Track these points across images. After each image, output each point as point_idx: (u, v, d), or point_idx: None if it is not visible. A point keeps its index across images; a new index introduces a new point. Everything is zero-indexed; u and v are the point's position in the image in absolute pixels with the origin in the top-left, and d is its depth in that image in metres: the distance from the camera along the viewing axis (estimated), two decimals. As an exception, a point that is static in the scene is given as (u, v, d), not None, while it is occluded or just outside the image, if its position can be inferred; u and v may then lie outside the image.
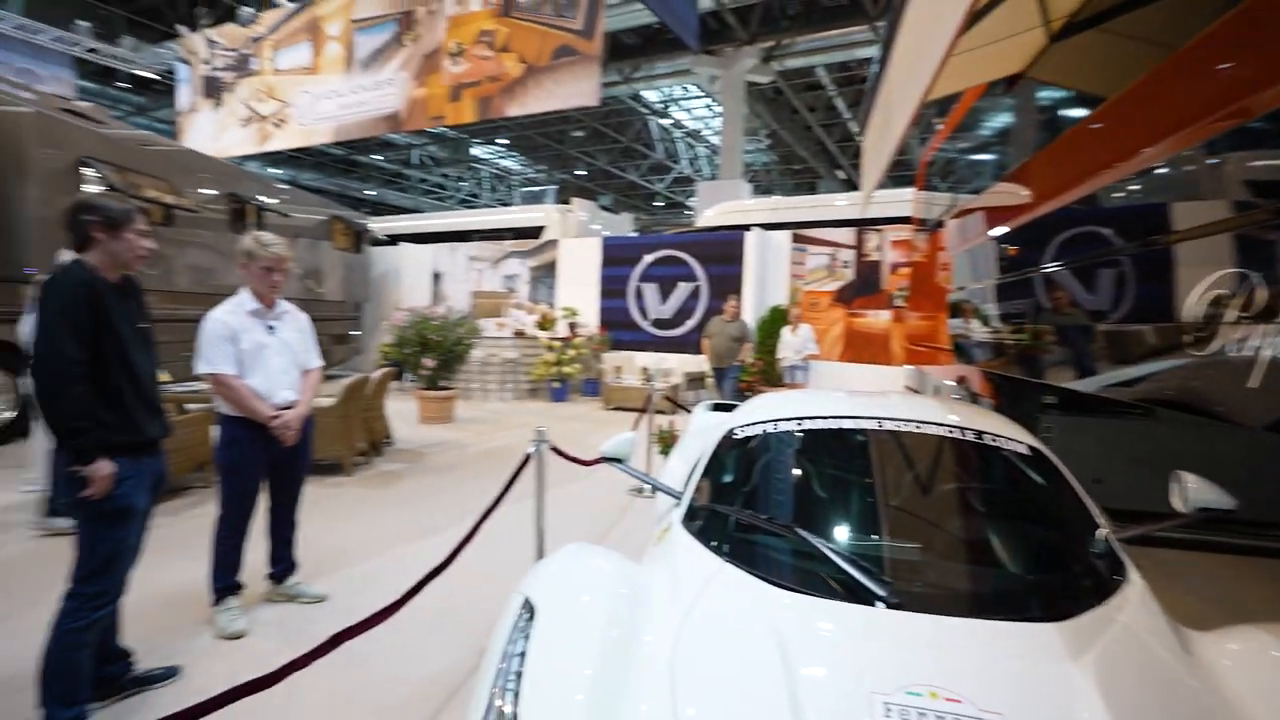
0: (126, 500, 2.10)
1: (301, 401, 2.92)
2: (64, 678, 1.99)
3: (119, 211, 2.13)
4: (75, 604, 2.04)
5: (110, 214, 2.10)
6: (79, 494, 2.01)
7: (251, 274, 2.85)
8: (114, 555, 2.10)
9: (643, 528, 4.42)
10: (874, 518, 1.83)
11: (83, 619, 2.03)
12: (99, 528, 2.06)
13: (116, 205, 2.15)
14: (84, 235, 2.07)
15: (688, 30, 5.60)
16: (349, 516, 4.43)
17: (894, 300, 9.64)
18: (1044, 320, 3.54)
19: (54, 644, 2.00)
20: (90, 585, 2.05)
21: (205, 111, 12.41)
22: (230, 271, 8.71)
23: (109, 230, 2.09)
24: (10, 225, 6.01)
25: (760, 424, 2.25)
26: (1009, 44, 3.59)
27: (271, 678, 1.49)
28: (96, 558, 2.06)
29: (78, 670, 2.03)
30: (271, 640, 2.74)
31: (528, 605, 1.50)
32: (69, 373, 1.95)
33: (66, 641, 2.00)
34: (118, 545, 2.10)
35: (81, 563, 2.06)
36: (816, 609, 1.46)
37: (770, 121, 20.04)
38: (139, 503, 2.15)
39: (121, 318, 2.10)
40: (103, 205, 2.12)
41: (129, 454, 2.11)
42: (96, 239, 2.08)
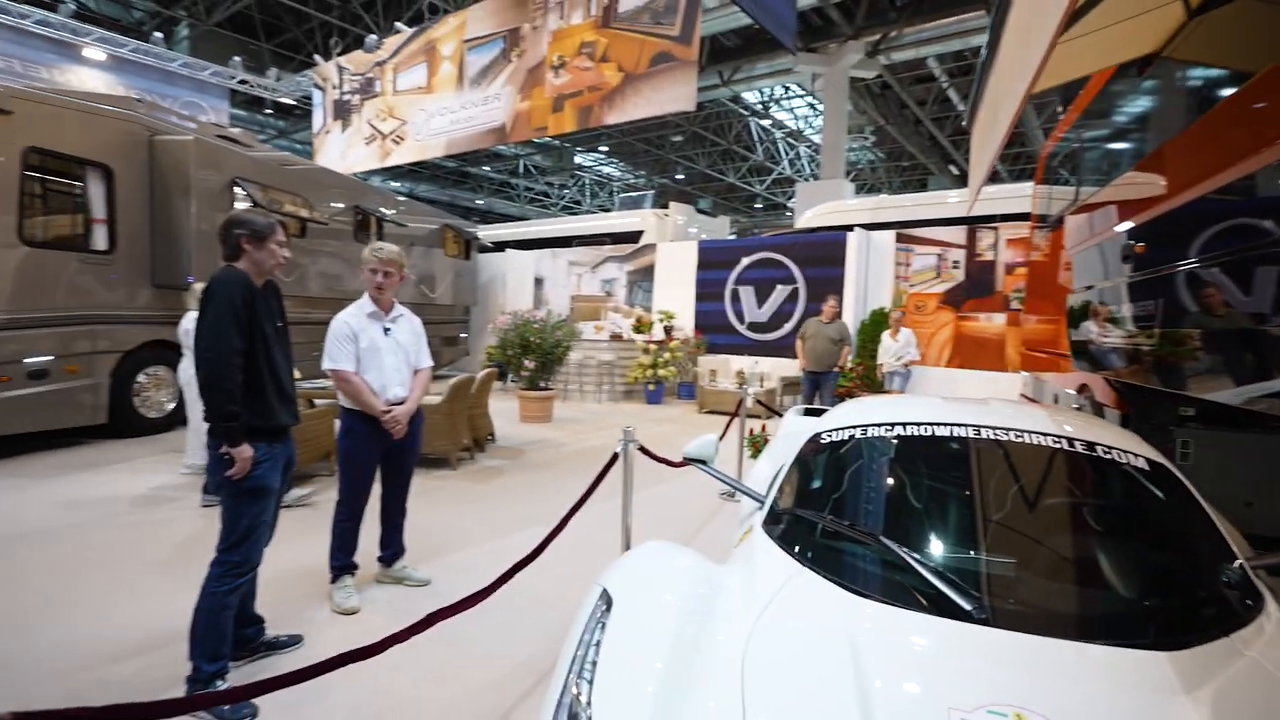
0: (263, 480, 2.36)
1: (410, 398, 3.15)
2: (210, 635, 2.27)
3: (263, 224, 2.41)
4: (220, 570, 2.31)
5: (256, 227, 2.38)
6: (225, 474, 2.29)
7: (366, 279, 3.10)
8: (253, 528, 2.36)
9: (731, 531, 4.40)
10: (965, 529, 1.74)
11: (226, 584, 2.30)
12: (241, 504, 2.33)
13: (261, 219, 2.43)
14: (235, 246, 2.36)
15: (786, 31, 5.50)
16: (452, 508, 4.70)
17: (1010, 303, 9.00)
18: (1184, 322, 3.19)
19: (202, 605, 2.28)
20: (233, 554, 2.32)
21: (335, 132, 13.59)
22: (354, 278, 9.48)
23: (255, 241, 2.38)
24: (176, 239, 6.84)
25: (848, 428, 2.20)
26: (1139, 22, 3.29)
27: (375, 648, 1.63)
28: (238, 530, 2.33)
29: (222, 630, 2.30)
30: (380, 617, 2.97)
31: (605, 596, 1.55)
32: (231, 362, 2.23)
33: (213, 604, 2.27)
34: (256, 519, 2.37)
35: (226, 534, 2.34)
36: (895, 619, 1.41)
37: (876, 117, 19.27)
38: (273, 483, 2.41)
39: (266, 317, 2.37)
40: (249, 219, 2.41)
41: (266, 440, 2.38)
42: (245, 249, 2.36)
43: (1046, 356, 6.36)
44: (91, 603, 3.04)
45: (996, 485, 1.84)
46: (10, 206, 5.55)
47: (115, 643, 2.67)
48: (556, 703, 1.33)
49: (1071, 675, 1.22)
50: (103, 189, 6.37)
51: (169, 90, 13.71)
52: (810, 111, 21.25)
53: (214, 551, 2.35)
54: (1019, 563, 1.60)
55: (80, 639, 2.70)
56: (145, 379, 6.80)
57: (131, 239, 6.62)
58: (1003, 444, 1.91)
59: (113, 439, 6.48)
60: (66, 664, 2.52)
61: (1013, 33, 2.76)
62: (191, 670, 2.27)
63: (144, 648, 2.64)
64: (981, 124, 4.00)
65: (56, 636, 2.72)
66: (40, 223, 5.96)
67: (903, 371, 8.02)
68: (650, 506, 4.71)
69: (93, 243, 6.33)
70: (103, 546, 3.75)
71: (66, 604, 3.02)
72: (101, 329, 6.34)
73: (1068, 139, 5.90)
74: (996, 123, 3.13)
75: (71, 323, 6.06)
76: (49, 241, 6.00)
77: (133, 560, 3.56)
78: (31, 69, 11.93)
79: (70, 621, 2.85)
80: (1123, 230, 3.89)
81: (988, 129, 3.70)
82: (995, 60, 3.34)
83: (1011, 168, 24.27)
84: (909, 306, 9.75)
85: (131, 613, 2.94)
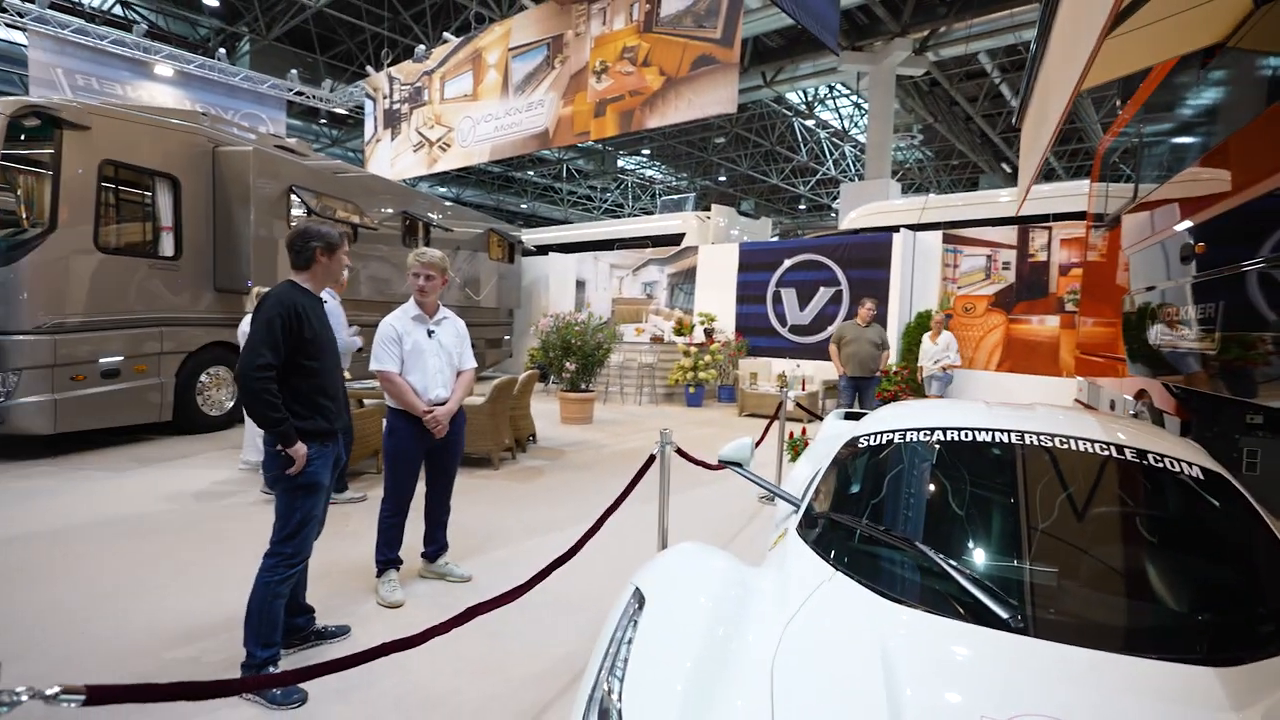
0: (315, 477, 2.48)
1: (452, 399, 3.24)
2: (263, 623, 2.38)
3: (335, 236, 2.55)
4: (274, 561, 2.43)
5: (330, 239, 2.52)
6: (281, 471, 2.41)
7: (410, 282, 3.22)
8: (305, 522, 2.47)
9: (768, 534, 4.37)
10: (1005, 537, 1.70)
11: (279, 574, 2.42)
12: (294, 499, 2.44)
13: (333, 231, 2.56)
14: (310, 256, 2.48)
15: (829, 32, 5.43)
16: (494, 506, 4.80)
17: (1064, 305, 8.69)
18: (1252, 325, 3.04)
19: (256, 594, 2.40)
20: (286, 546, 2.44)
21: (385, 140, 14.03)
22: (403, 281, 9.76)
23: (329, 252, 2.52)
24: (236, 245, 7.17)
25: (886, 433, 2.17)
26: (1201, 13, 3.15)
27: (418, 638, 1.69)
28: (292, 524, 2.45)
29: (275, 617, 2.41)
30: (423, 611, 3.06)
31: (638, 595, 1.58)
32: (262, 376, 2.33)
33: (266, 592, 2.39)
34: (308, 514, 2.48)
35: (280, 528, 2.46)
36: (929, 625, 1.40)
37: (924, 115, 18.84)
38: (324, 479, 2.52)
39: (320, 325, 2.48)
40: (324, 231, 2.53)
41: (318, 440, 2.48)
42: (319, 259, 2.49)
43: (1103, 361, 6.12)
44: (152, 591, 3.21)
45: (1038, 492, 1.79)
46: (88, 215, 5.92)
47: (173, 629, 2.82)
48: (588, 698, 1.35)
49: (1112, 687, 1.19)
50: (170, 198, 6.73)
51: (230, 103, 14.37)
52: (856, 110, 20.91)
53: (269, 544, 2.46)
54: (1061, 572, 1.56)
55: (140, 625, 2.86)
56: (207, 379, 7.13)
57: (196, 245, 6.97)
58: (1046, 450, 1.86)
59: (176, 435, 6.83)
60: (127, 647, 2.67)
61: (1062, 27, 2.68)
62: (246, 655, 2.39)
63: (200, 634, 2.78)
64: (1031, 121, 3.88)
65: (117, 623, 2.88)
66: (114, 230, 6.33)
67: (942, 376, 7.80)
68: (688, 509, 4.72)
69: (161, 249, 6.69)
70: (166, 537, 3.96)
71: (129, 593, 3.20)
72: (168, 331, 6.69)
73: (1126, 134, 5.68)
74: (1046, 121, 3.04)
75: (141, 325, 6.42)
76: (121, 248, 6.37)
77: (193, 551, 3.75)
78: (108, 85, 12.67)
79: (133, 608, 3.02)
80: (1185, 228, 3.72)
81: (1037, 127, 3.59)
82: (1045, 55, 3.24)
83: (1069, 164, 23.39)
84: (956, 309, 9.50)
85: (189, 600, 3.10)
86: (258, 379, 2.31)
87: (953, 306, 9.53)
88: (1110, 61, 3.88)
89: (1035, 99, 3.66)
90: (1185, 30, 3.45)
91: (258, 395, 2.32)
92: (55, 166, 5.72)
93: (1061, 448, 1.86)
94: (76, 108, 5.91)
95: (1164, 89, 4.57)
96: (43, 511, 4.35)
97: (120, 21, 14.64)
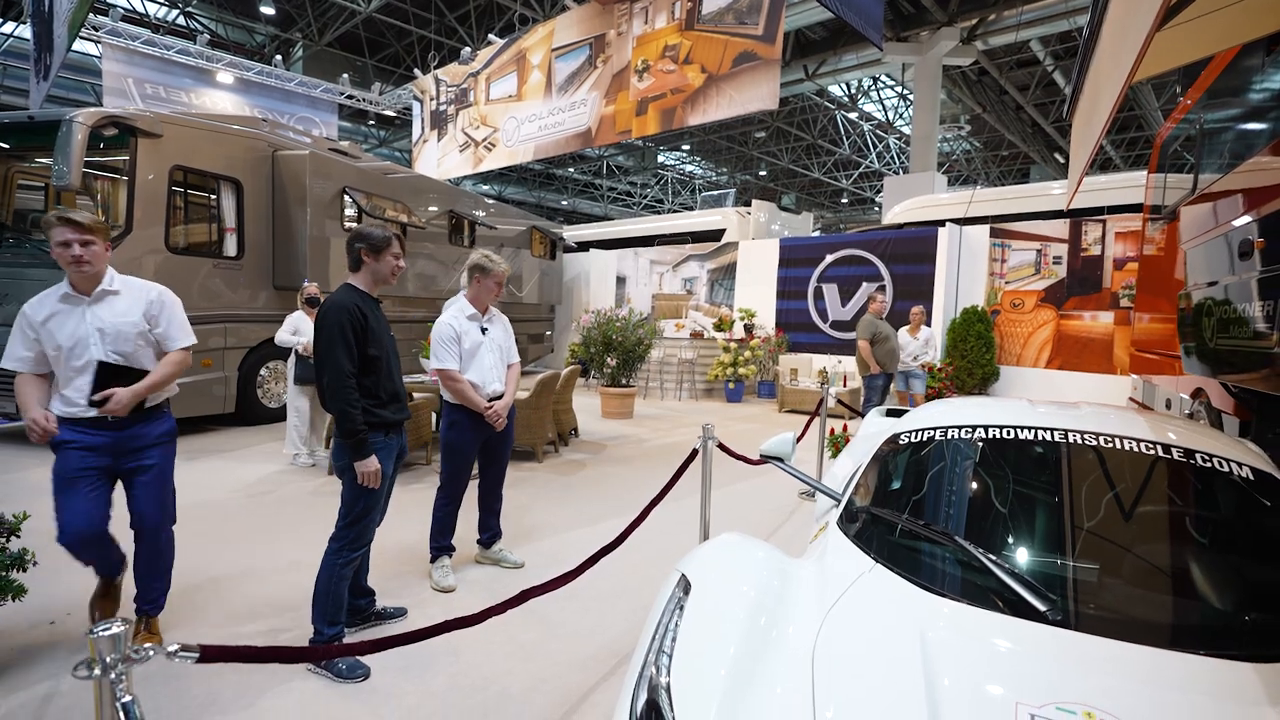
0: (382, 467, 2.61)
1: (507, 393, 3.37)
2: (329, 602, 2.54)
3: (380, 237, 2.64)
4: (338, 545, 2.59)
5: (373, 241, 2.63)
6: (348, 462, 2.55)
7: (483, 286, 3.31)
8: (369, 509, 2.63)
9: (808, 529, 4.40)
10: (1045, 533, 1.72)
11: (343, 557, 2.57)
12: (361, 487, 2.59)
13: (379, 232, 2.66)
14: (356, 258, 2.62)
15: (873, 27, 5.37)
16: (540, 498, 4.94)
17: (1118, 300, 8.41)
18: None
19: (322, 575, 2.56)
20: (350, 531, 2.60)
21: (432, 141, 14.38)
22: (449, 278, 10.03)
23: (373, 254, 2.63)
24: (293, 245, 7.49)
25: (929, 429, 2.20)
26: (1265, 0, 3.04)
27: (475, 618, 1.81)
28: (356, 510, 2.60)
29: (339, 598, 2.58)
30: (475, 596, 3.21)
31: (684, 582, 1.65)
32: (349, 385, 2.47)
33: (332, 574, 2.55)
34: (371, 502, 2.63)
35: (345, 514, 2.61)
36: (967, 616, 1.44)
37: (972, 105, 18.34)
38: (387, 470, 2.67)
39: (378, 325, 2.62)
40: (368, 233, 2.65)
41: (383, 431, 2.64)
42: (364, 260, 2.62)
43: (1159, 358, 5.93)
44: (221, 575, 3.43)
45: (1081, 489, 1.81)
46: (159, 218, 6.27)
47: (242, 609, 3.02)
48: (636, 679, 1.43)
49: (1147, 679, 1.22)
50: (234, 201, 7.08)
51: (286, 107, 14.93)
52: (900, 102, 20.48)
53: (334, 528, 2.62)
54: (1103, 568, 1.58)
55: (212, 605, 3.07)
56: (266, 372, 7.49)
57: (256, 245, 7.31)
58: (1090, 448, 1.87)
59: (238, 427, 7.19)
60: (203, 627, 2.88)
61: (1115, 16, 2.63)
62: (313, 633, 2.56)
63: (267, 613, 2.97)
64: (1082, 114, 3.79)
65: (192, 604, 3.10)
66: (182, 232, 6.69)
67: (919, 373, 7.60)
68: (729, 503, 4.78)
69: (225, 249, 7.05)
70: (234, 524, 4.21)
71: (201, 577, 3.42)
72: (231, 327, 7.04)
73: (1188, 122, 5.48)
74: (1097, 114, 2.98)
75: (206, 321, 6.77)
76: (189, 249, 6.74)
77: (259, 537, 3.98)
78: (174, 93, 13.31)
79: (204, 591, 3.24)
80: (1249, 220, 3.60)
81: (1088, 120, 3.51)
82: (1096, 46, 3.18)
83: (1127, 154, 22.46)
84: (1004, 304, 9.29)
85: (256, 584, 3.30)
86: (345, 389, 2.45)
87: (1000, 302, 9.32)
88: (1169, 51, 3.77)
89: (1086, 91, 3.58)
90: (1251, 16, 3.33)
91: (346, 406, 2.45)
92: (130, 173, 6.08)
93: (1105, 446, 1.87)
94: (150, 117, 6.27)
95: (1228, 75, 4.41)
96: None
97: (184, 31, 15.35)
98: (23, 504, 4.34)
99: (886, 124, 21.38)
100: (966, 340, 8.88)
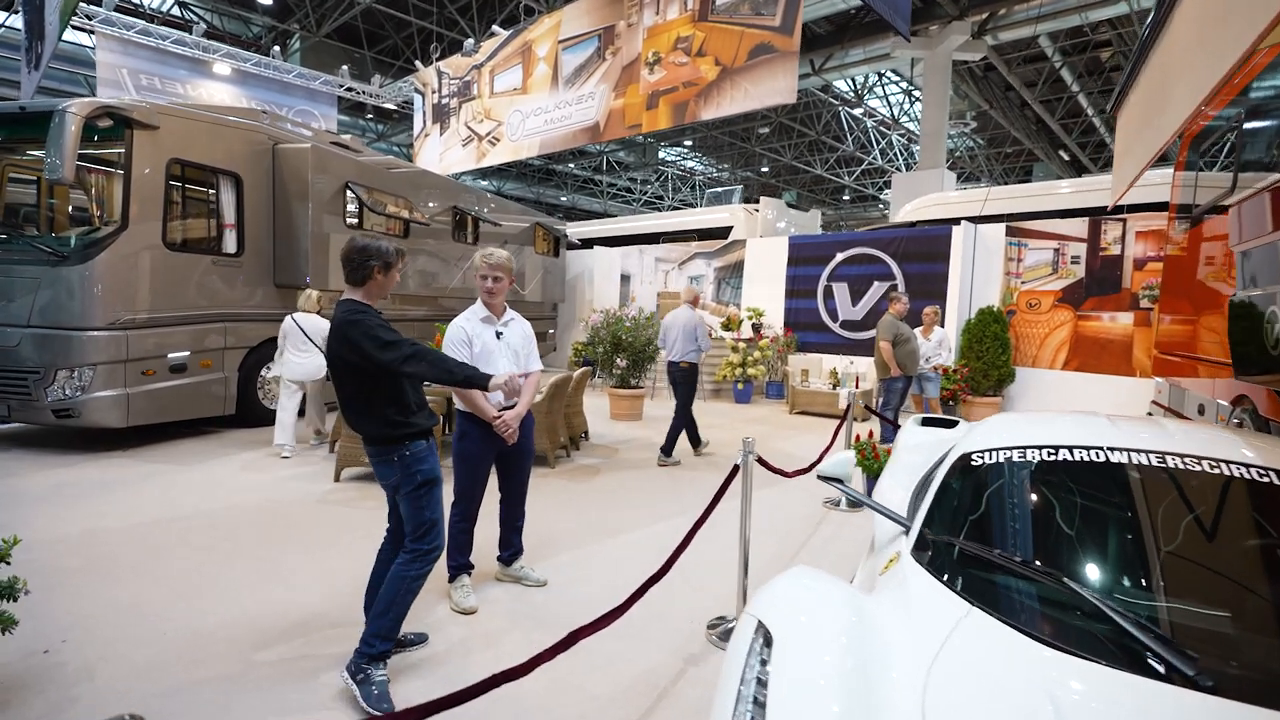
0: (435, 472, 2.49)
1: (521, 402, 3.17)
2: (392, 616, 2.38)
3: (393, 253, 2.48)
4: (410, 557, 2.44)
5: (389, 257, 2.46)
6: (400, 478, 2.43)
7: (477, 284, 3.19)
8: (437, 516, 2.49)
9: (840, 542, 4.22)
10: (1167, 577, 1.54)
11: (416, 568, 2.43)
12: (420, 498, 2.44)
13: (390, 247, 2.49)
14: (367, 274, 2.42)
15: (900, 17, 5.17)
16: (557, 507, 4.75)
17: (1139, 301, 8.25)
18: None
19: (390, 587, 2.39)
20: (423, 543, 2.45)
21: (434, 135, 14.12)
22: (452, 276, 9.81)
23: (386, 270, 2.46)
24: (296, 242, 7.26)
25: (1005, 450, 2.02)
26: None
27: (523, 668, 1.63)
28: (425, 521, 2.45)
29: (402, 613, 2.42)
30: (497, 618, 3.02)
31: (762, 631, 1.47)
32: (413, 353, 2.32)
33: (401, 586, 2.39)
34: (437, 508, 2.49)
35: (414, 528, 2.46)
36: (1103, 679, 1.25)
37: (979, 101, 18.18)
38: (440, 472, 2.53)
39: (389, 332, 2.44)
40: (384, 249, 2.45)
41: (425, 438, 2.50)
42: (375, 277, 2.43)
43: (1187, 361, 5.77)
44: (229, 589, 3.23)
45: (1204, 525, 1.63)
46: (155, 213, 6.04)
47: (254, 630, 2.83)
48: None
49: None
50: (233, 196, 6.84)
51: (285, 100, 14.65)
52: (904, 98, 20.30)
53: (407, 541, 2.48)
54: (1240, 621, 1.40)
55: (221, 625, 2.87)
56: (267, 372, 7.27)
57: (257, 242, 7.08)
58: (1208, 475, 1.69)
59: (238, 428, 6.97)
60: (211, 649, 2.68)
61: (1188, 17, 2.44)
62: (361, 642, 2.37)
63: (281, 635, 2.78)
64: (1136, 112, 3.62)
65: (199, 623, 2.90)
66: (180, 227, 6.46)
67: (932, 375, 7.47)
68: (754, 515, 4.59)
69: (224, 246, 6.82)
70: (238, 532, 4.01)
71: (207, 591, 3.23)
72: (231, 326, 6.82)
73: (1223, 118, 5.30)
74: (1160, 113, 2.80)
75: (206, 320, 6.55)
76: (188, 245, 6.50)
77: (266, 548, 3.78)
78: (169, 85, 13.03)
79: (212, 608, 3.04)
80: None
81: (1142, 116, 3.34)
82: (1158, 43, 2.99)
83: (1131, 152, 22.31)
84: (1020, 304, 9.12)
85: (265, 600, 3.11)
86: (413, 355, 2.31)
87: (1015, 302, 9.15)
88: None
89: (1140, 89, 3.40)
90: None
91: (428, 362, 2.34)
92: (126, 166, 5.85)
93: (1216, 473, 1.68)
94: (146, 108, 6.03)
95: (1274, 70, 4.23)
96: (120, 505, 4.46)
97: (178, 22, 15.03)
98: (11, 515, 4.14)
99: (891, 120, 21.19)
100: (982, 341, 8.72)
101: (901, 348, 6.62)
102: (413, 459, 2.43)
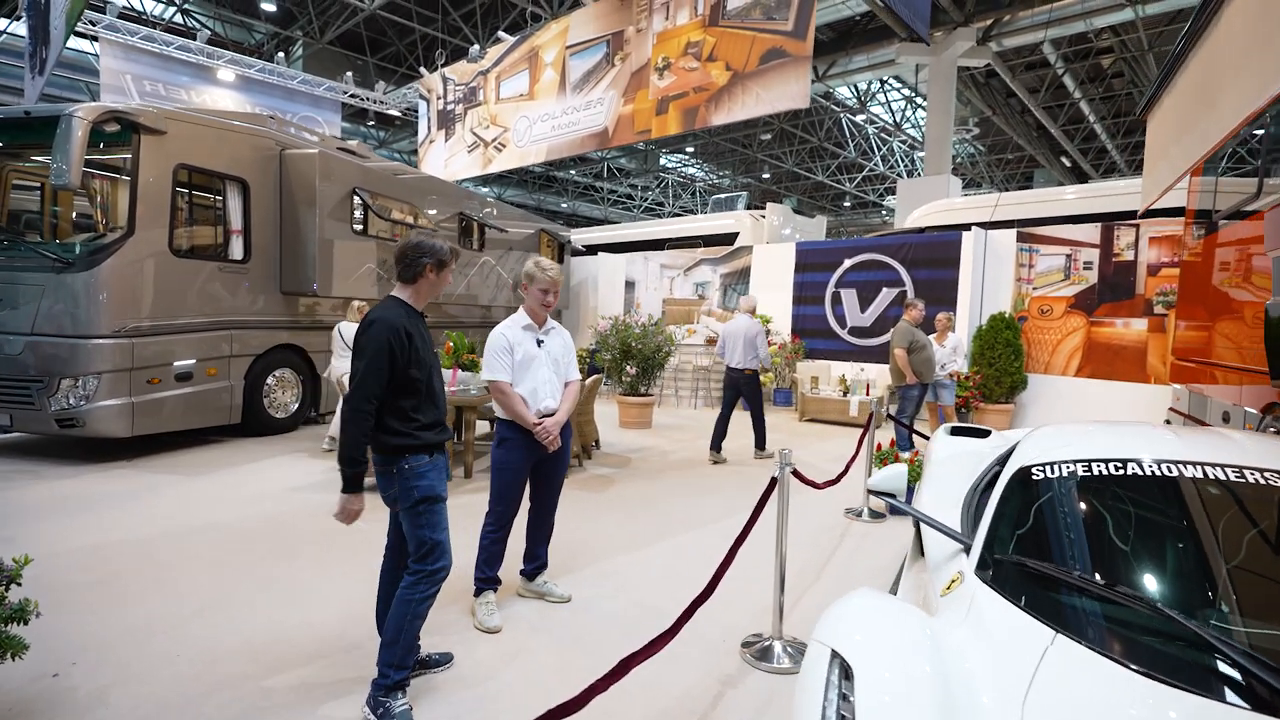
0: (436, 490, 2.36)
1: (561, 410, 3.09)
2: (400, 644, 2.26)
3: (447, 251, 2.40)
4: (414, 578, 2.31)
5: (442, 256, 2.37)
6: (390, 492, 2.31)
7: (530, 294, 3.09)
8: (441, 535, 2.36)
9: (864, 555, 4.12)
10: (1254, 598, 1.45)
11: (420, 591, 2.30)
12: (421, 516, 2.32)
13: (444, 245, 2.40)
14: (419, 272, 2.34)
15: (920, 20, 5.13)
16: (574, 518, 4.63)
17: (1153, 307, 8.18)
18: None
19: (396, 612, 2.28)
20: (426, 564, 2.32)
21: (439, 141, 14.05)
22: (459, 283, 9.72)
23: (439, 269, 2.38)
24: (303, 248, 7.17)
25: (1067, 463, 1.93)
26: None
27: (578, 701, 1.52)
28: (427, 540, 2.33)
29: (412, 639, 2.30)
30: (525, 636, 2.90)
31: (838, 660, 1.38)
32: (367, 412, 2.22)
33: (407, 610, 2.27)
34: (439, 526, 2.36)
35: (416, 548, 2.34)
36: (1207, 714, 1.17)
37: (981, 108, 18.18)
38: (444, 490, 2.41)
39: (422, 344, 2.34)
40: (435, 246, 2.37)
41: (428, 453, 2.36)
42: (428, 275, 2.35)
43: (1208, 368, 5.69)
44: (240, 608, 3.13)
45: None
46: (162, 220, 5.95)
47: (267, 653, 2.72)
48: None
49: None
50: (240, 202, 6.75)
51: (289, 106, 14.60)
52: (906, 105, 20.31)
53: (410, 563, 2.36)
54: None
55: (233, 648, 2.76)
56: (273, 381, 7.16)
57: (263, 248, 6.99)
58: None
59: (243, 438, 6.86)
60: (224, 674, 2.57)
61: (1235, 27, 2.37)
62: (378, 673, 2.27)
63: (296, 659, 2.67)
64: (1166, 113, 3.55)
65: (211, 644, 2.79)
66: (187, 234, 6.37)
67: (946, 382, 7.39)
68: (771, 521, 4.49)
69: (231, 252, 6.72)
70: (247, 546, 3.89)
71: (217, 609, 3.12)
72: (237, 334, 6.72)
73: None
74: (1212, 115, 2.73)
75: (212, 328, 6.45)
76: (194, 252, 6.41)
77: (275, 563, 3.67)
78: (173, 91, 12.97)
79: (223, 628, 2.93)
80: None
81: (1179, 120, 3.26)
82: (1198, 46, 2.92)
83: (1132, 158, 22.33)
84: (1031, 310, 9.05)
85: (278, 620, 3.00)
86: (363, 415, 2.21)
87: (1027, 308, 9.08)
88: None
89: (1176, 92, 3.34)
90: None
91: (357, 431, 2.22)
92: (133, 171, 5.76)
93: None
94: (153, 113, 5.94)
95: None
96: (125, 516, 4.35)
97: (180, 29, 14.99)
98: (16, 529, 4.02)
99: (893, 126, 21.19)
100: (994, 348, 8.64)
101: (917, 355, 6.54)
102: (411, 473, 2.31)
